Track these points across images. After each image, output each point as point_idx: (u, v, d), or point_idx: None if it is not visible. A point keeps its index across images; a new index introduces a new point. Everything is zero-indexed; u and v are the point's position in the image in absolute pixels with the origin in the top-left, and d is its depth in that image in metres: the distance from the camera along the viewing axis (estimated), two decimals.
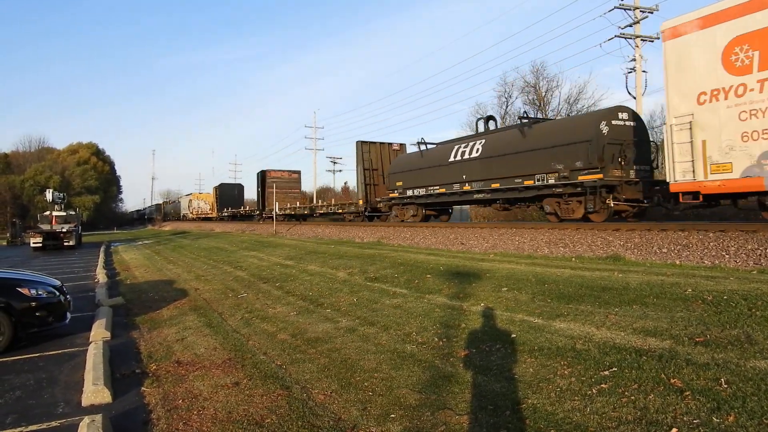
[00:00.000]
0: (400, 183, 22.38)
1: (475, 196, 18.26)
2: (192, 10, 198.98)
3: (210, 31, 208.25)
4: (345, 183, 75.52)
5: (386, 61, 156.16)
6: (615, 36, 23.84)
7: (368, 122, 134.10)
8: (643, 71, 23.68)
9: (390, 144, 27.29)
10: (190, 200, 71.59)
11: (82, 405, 4.87)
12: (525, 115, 18.39)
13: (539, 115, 47.70)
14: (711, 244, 9.39)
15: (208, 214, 64.51)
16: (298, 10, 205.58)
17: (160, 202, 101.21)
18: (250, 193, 61.09)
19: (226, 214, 54.25)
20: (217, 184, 62.07)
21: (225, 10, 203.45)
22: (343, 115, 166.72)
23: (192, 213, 68.33)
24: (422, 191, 21.01)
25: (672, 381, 4.10)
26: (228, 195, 57.68)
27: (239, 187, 60.07)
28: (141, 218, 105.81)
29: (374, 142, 26.81)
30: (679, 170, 10.70)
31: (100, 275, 14.96)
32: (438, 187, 20.09)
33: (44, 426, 4.41)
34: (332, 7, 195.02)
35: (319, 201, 46.66)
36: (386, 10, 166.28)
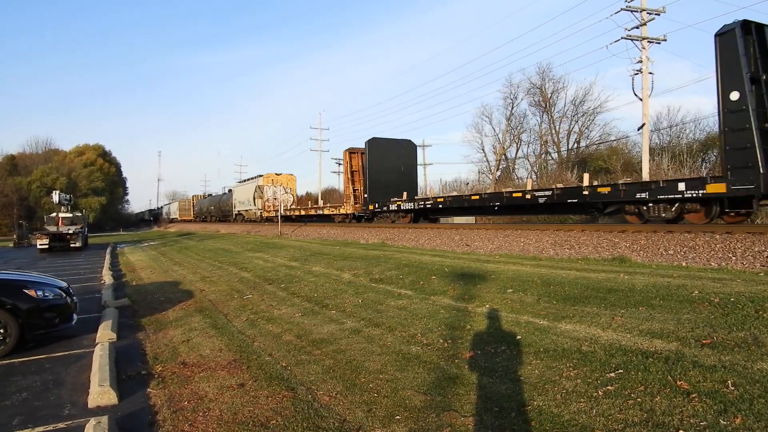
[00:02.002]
0: None
1: None
2: (198, 12, 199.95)
3: (215, 31, 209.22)
4: None
5: (391, 63, 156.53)
6: (622, 38, 23.78)
7: (373, 123, 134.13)
8: (650, 73, 23.59)
9: None
10: (259, 187, 41.13)
11: (89, 406, 4.89)
12: None
13: (545, 117, 47.66)
14: (718, 246, 9.34)
15: (300, 210, 36.44)
16: (305, 11, 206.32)
17: (170, 201, 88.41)
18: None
19: (407, 206, 22.87)
20: (357, 148, 27.96)
21: (230, 11, 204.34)
22: (349, 116, 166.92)
23: (263, 209, 40.12)
24: None
25: (678, 383, 4.08)
26: (386, 166, 25.69)
27: (407, 147, 27.28)
28: (154, 218, 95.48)
29: None
30: None
31: (106, 277, 15.03)
32: None
33: (51, 427, 4.43)
34: (338, 9, 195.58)
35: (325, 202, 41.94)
36: (392, 10, 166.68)
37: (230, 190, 53.99)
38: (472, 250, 14.24)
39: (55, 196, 32.62)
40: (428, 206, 21.64)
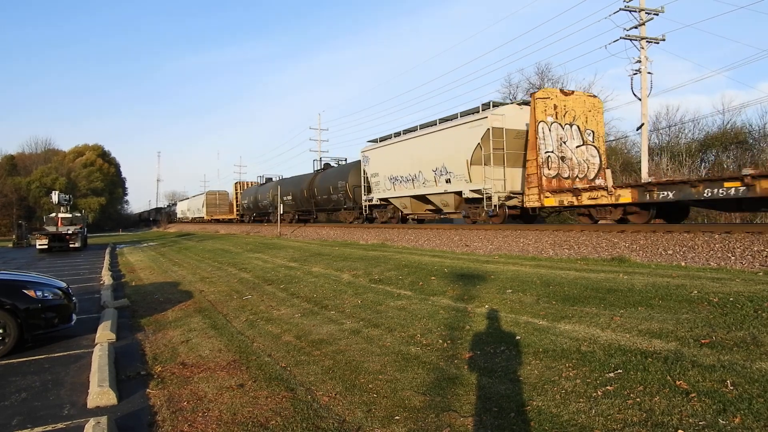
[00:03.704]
0: None
1: None
2: (197, 13, 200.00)
3: (215, 33, 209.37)
4: None
5: (391, 64, 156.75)
6: (620, 38, 23.77)
7: (372, 124, 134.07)
8: (649, 72, 23.59)
9: None
10: (494, 132, 15.88)
11: (88, 407, 4.89)
12: None
13: None
14: (717, 245, 9.34)
15: None
16: (303, 12, 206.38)
17: (187, 196, 73.64)
18: None
19: None
20: None
21: (230, 12, 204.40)
22: (347, 117, 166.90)
23: (540, 183, 14.77)
24: None
25: (678, 383, 4.08)
26: None
27: None
28: (154, 219, 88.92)
29: None
30: None
31: (106, 277, 15.02)
32: None
33: (50, 428, 4.43)
34: (337, 10, 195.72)
35: None
36: (391, 12, 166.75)
37: (337, 164, 30.68)
38: (471, 250, 14.24)
39: (55, 197, 32.56)
40: None
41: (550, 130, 15.38)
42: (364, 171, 23.94)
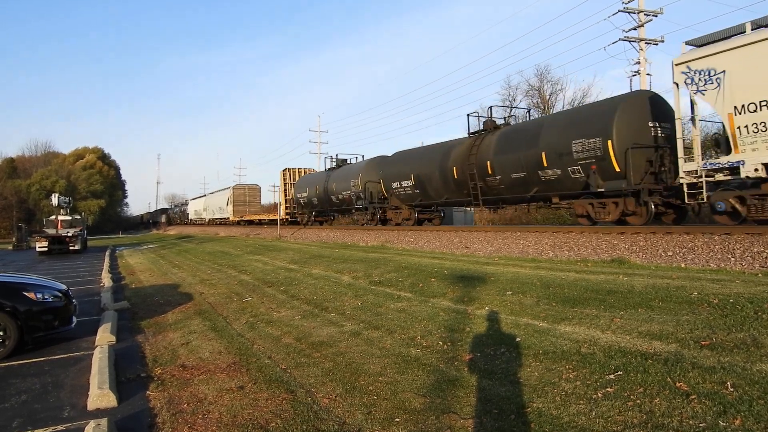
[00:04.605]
0: None
1: None
2: (196, 12, 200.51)
3: (214, 33, 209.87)
4: None
5: (390, 65, 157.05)
6: (620, 39, 23.84)
7: (372, 126, 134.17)
8: (648, 74, 23.64)
9: None
10: None
11: (88, 409, 4.89)
12: None
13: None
14: (716, 246, 9.34)
15: None
16: (303, 12, 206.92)
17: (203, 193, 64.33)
18: None
19: None
20: None
21: (229, 11, 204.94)
22: (347, 118, 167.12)
23: None
24: None
25: (678, 385, 4.08)
26: None
27: None
28: (154, 221, 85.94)
29: None
30: None
31: (106, 279, 15.00)
32: None
33: (50, 430, 4.43)
34: (336, 11, 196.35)
35: None
36: (390, 13, 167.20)
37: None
38: (471, 252, 14.23)
39: (55, 199, 32.61)
40: None
41: None
42: (694, 108, 11.23)
